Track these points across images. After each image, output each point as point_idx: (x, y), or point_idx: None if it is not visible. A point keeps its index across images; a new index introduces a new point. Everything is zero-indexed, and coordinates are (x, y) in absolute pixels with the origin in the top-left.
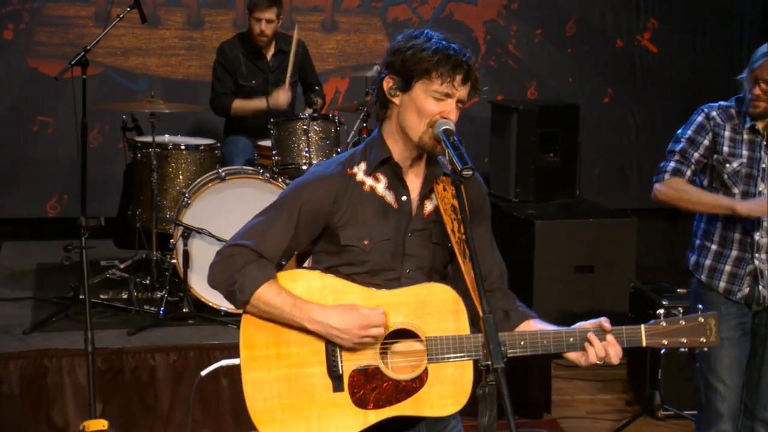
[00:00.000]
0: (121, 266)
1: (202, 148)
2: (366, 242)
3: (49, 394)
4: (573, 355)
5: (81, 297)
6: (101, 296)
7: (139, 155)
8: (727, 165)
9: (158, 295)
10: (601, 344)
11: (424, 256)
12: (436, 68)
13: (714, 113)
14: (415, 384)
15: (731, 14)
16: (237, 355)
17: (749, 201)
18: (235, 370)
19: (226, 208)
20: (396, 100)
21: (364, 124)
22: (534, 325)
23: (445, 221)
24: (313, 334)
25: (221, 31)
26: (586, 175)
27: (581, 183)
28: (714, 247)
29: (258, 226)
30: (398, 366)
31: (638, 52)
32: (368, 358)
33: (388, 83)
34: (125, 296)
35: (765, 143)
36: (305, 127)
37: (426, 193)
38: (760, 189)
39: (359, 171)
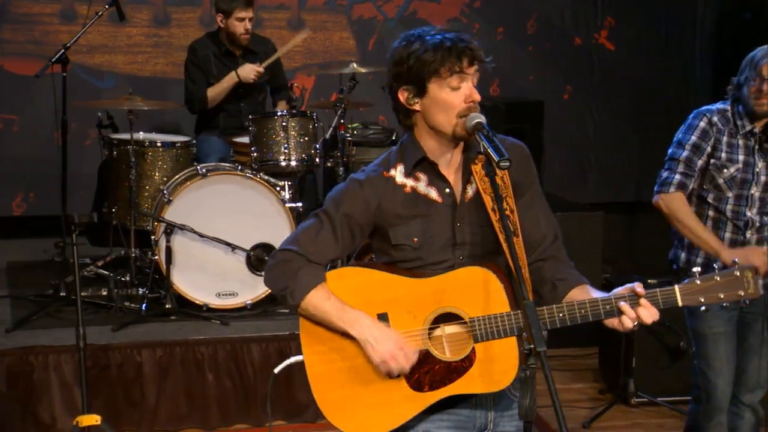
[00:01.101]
0: (99, 264)
1: (179, 145)
2: (415, 239)
3: (35, 391)
4: (609, 322)
5: (62, 294)
6: (80, 293)
7: (115, 152)
8: (725, 170)
9: (139, 291)
10: (632, 311)
11: (475, 241)
12: (442, 64)
13: (715, 118)
14: (465, 364)
15: (685, 13)
16: (223, 350)
17: (734, 251)
18: (220, 363)
19: (208, 204)
20: (417, 107)
21: (341, 121)
22: (579, 293)
23: (485, 201)
24: None
25: (188, 29)
26: (547, 171)
27: (543, 178)
28: None
29: (308, 231)
30: (447, 348)
31: (596, 50)
32: (418, 343)
33: (403, 95)
34: (105, 293)
35: (757, 147)
36: (284, 123)
37: (467, 178)
38: (752, 192)
39: (397, 173)
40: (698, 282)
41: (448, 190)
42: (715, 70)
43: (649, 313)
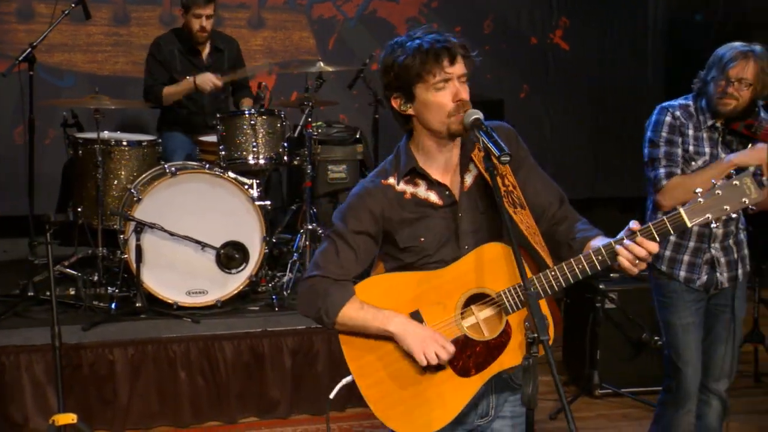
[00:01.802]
0: (65, 263)
1: (145, 144)
2: (422, 239)
3: (7, 391)
4: (616, 267)
5: (30, 294)
6: (47, 293)
7: (80, 152)
8: (693, 163)
9: (109, 290)
10: (627, 251)
11: (477, 228)
12: (422, 67)
13: (678, 113)
14: (503, 339)
15: (637, 14)
16: (195, 348)
17: (743, 152)
18: (192, 361)
19: (178, 203)
20: (410, 112)
21: (309, 119)
22: (593, 245)
23: (488, 182)
24: None
25: (148, 28)
26: None
27: None
28: (673, 238)
29: (325, 254)
30: (483, 328)
31: (551, 50)
32: (453, 331)
33: (396, 102)
34: (73, 293)
35: (721, 139)
36: (253, 122)
37: (465, 168)
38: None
39: (395, 181)
40: (701, 200)
41: (447, 192)
42: (667, 70)
43: (643, 248)
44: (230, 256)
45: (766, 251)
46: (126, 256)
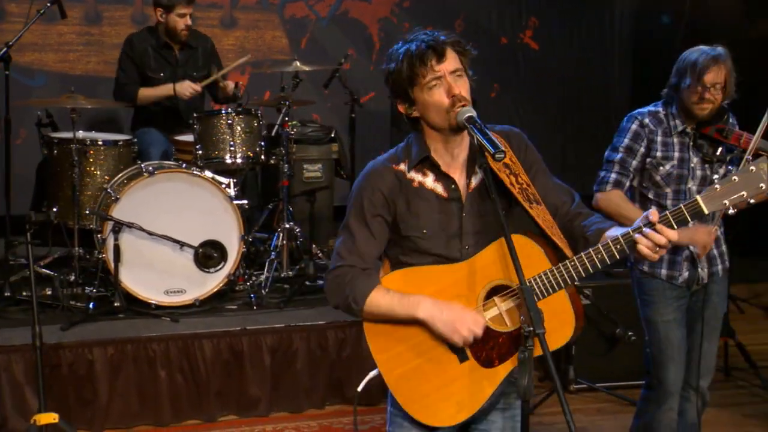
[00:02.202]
0: (41, 263)
1: (121, 143)
2: (425, 231)
3: None
4: (635, 256)
5: (6, 294)
6: (24, 293)
7: (56, 151)
8: (661, 168)
9: (87, 290)
10: (647, 240)
11: (479, 229)
12: (412, 70)
13: (647, 120)
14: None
15: (603, 16)
16: (174, 347)
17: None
18: (172, 359)
19: (155, 202)
20: (416, 114)
21: (286, 118)
22: (609, 235)
23: (503, 179)
24: (419, 325)
25: (120, 27)
26: None
27: None
28: None
29: (345, 244)
30: (505, 319)
31: (521, 49)
32: None
33: (401, 107)
34: (49, 293)
35: (692, 143)
36: (230, 121)
37: (471, 170)
38: (689, 186)
39: (406, 169)
40: (718, 187)
41: (453, 186)
42: (634, 70)
43: (663, 236)
44: (208, 255)
45: (733, 248)
46: (104, 255)
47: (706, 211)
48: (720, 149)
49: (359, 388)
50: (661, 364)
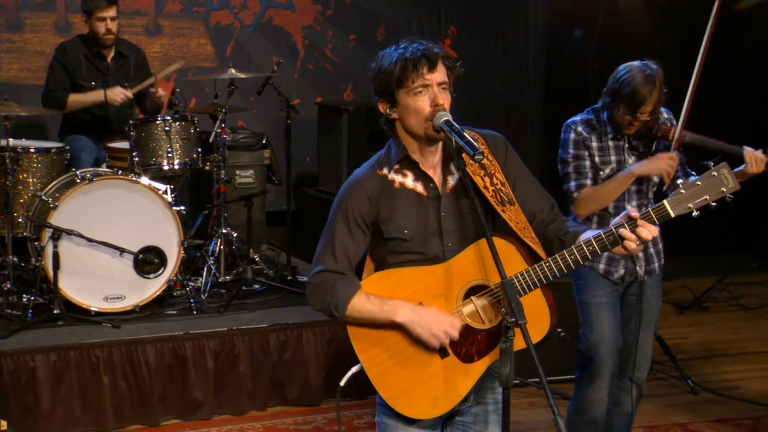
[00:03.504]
0: None
1: (54, 150)
2: (406, 231)
3: None
4: (617, 250)
5: None
6: None
7: None
8: (601, 172)
9: (24, 298)
10: (633, 233)
11: (459, 227)
12: (402, 73)
13: (580, 128)
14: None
15: (518, 27)
16: (118, 352)
17: (643, 162)
18: (115, 365)
19: (95, 209)
20: (395, 116)
21: (222, 125)
22: (584, 238)
23: (477, 181)
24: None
25: (42, 34)
26: None
27: None
28: None
29: (326, 248)
30: (483, 317)
31: None
32: None
33: (382, 107)
34: None
35: (627, 145)
36: (167, 128)
37: (447, 171)
38: (630, 187)
39: (387, 171)
40: (683, 192)
41: (431, 184)
42: (547, 81)
43: (648, 231)
44: (148, 260)
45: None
46: (42, 262)
47: (672, 215)
48: (654, 145)
49: (341, 383)
50: (593, 344)
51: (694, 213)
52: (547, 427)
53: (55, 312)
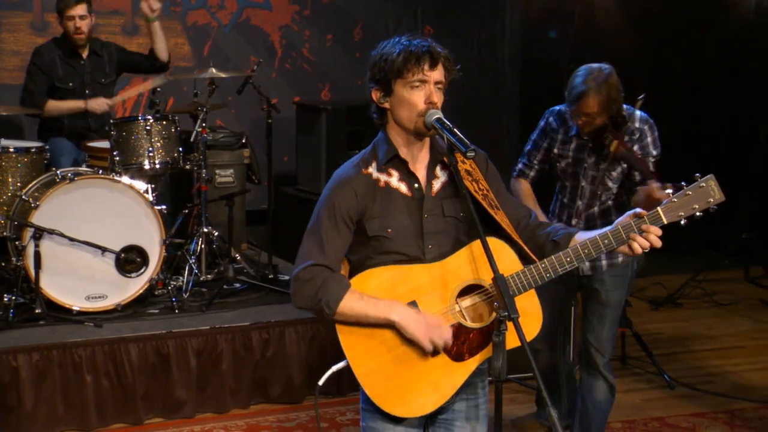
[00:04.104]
0: None
1: (34, 150)
2: (389, 230)
3: None
4: (621, 249)
5: None
6: None
7: None
8: (558, 164)
9: (5, 298)
10: (644, 239)
11: (441, 230)
12: (404, 65)
13: (551, 119)
14: (494, 326)
15: (494, 28)
16: (101, 351)
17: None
18: (98, 364)
19: (76, 208)
20: (386, 105)
21: (204, 124)
22: (579, 238)
23: (467, 186)
24: None
25: (18, 33)
26: None
27: None
28: None
29: (314, 244)
30: (476, 316)
31: None
32: (449, 319)
33: (375, 95)
34: None
35: (591, 146)
36: (148, 127)
37: (432, 174)
38: (582, 184)
39: (373, 170)
40: (675, 200)
41: (416, 185)
42: (523, 81)
43: (656, 237)
44: (130, 259)
45: None
46: (23, 262)
47: (665, 221)
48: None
49: (320, 382)
50: None
51: (683, 221)
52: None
53: (36, 312)
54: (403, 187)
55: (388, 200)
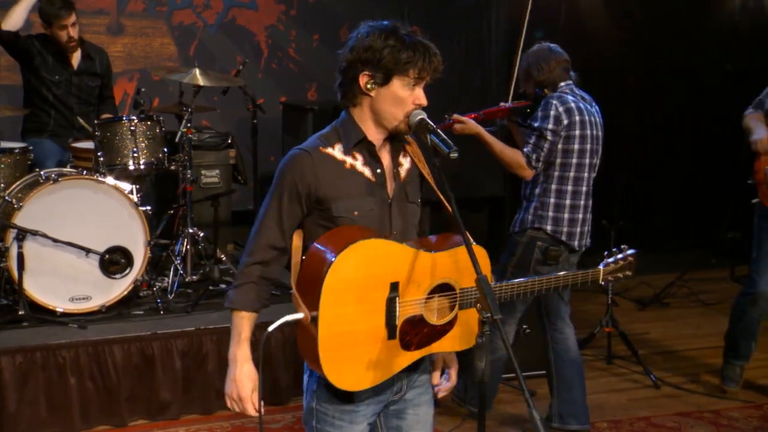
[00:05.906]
0: None
1: (18, 151)
2: (356, 213)
3: None
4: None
5: None
6: None
7: None
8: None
9: None
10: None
11: (404, 216)
12: (414, 66)
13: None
14: (447, 327)
15: (481, 28)
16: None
17: None
18: (82, 366)
19: (60, 209)
20: (372, 93)
21: (189, 124)
22: None
23: (424, 173)
24: (374, 294)
25: None
26: None
27: None
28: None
29: (261, 230)
30: (438, 313)
31: None
32: (415, 309)
33: (364, 79)
34: None
35: None
36: (133, 128)
37: (396, 161)
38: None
39: (336, 151)
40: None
41: (379, 170)
42: (509, 80)
43: None
44: (114, 261)
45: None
46: (6, 263)
47: (600, 281)
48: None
49: (270, 329)
50: None
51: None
52: (512, 422)
53: (20, 313)
54: (367, 171)
55: (355, 183)
